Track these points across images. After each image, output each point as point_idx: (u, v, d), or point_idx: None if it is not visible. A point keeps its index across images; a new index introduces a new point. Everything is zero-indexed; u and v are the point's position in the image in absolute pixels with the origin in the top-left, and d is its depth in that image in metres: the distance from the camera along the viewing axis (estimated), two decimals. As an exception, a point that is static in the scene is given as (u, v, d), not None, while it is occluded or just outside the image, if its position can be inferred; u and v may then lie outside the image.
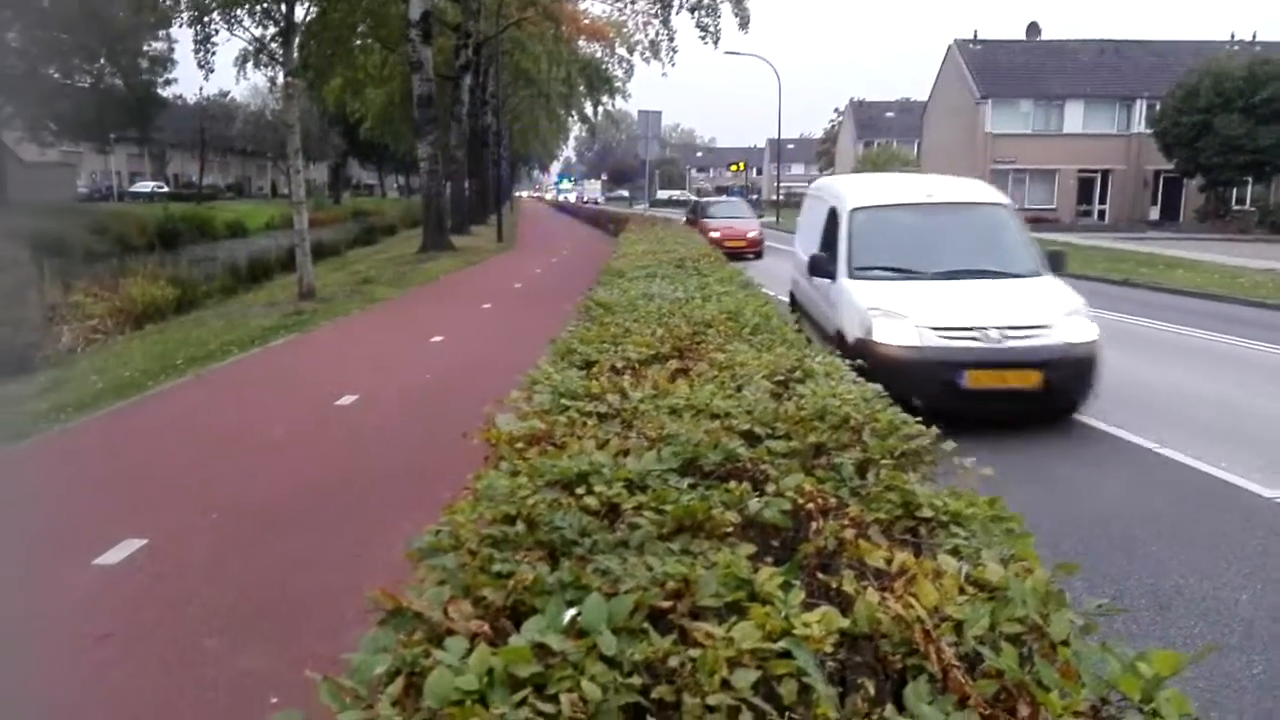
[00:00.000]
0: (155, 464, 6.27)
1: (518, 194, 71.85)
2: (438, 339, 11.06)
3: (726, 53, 33.40)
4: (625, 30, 35.36)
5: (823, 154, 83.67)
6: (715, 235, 21.67)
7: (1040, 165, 43.88)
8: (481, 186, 39.48)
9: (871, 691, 1.42)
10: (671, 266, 7.81)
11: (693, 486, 2.29)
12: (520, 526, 1.99)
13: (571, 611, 1.50)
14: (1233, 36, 44.78)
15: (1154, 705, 1.34)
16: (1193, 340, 11.43)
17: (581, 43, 40.56)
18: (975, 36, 47.06)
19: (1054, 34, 49.48)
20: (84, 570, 4.37)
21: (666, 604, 1.64)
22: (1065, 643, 1.53)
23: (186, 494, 5.52)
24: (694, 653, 1.44)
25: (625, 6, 32.61)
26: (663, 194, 72.72)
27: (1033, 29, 48.84)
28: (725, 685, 1.39)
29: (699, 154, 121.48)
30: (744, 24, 28.08)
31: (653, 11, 30.58)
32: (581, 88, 45.60)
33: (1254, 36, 44.59)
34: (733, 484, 2.24)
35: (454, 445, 6.41)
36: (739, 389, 3.23)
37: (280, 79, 16.55)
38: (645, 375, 3.50)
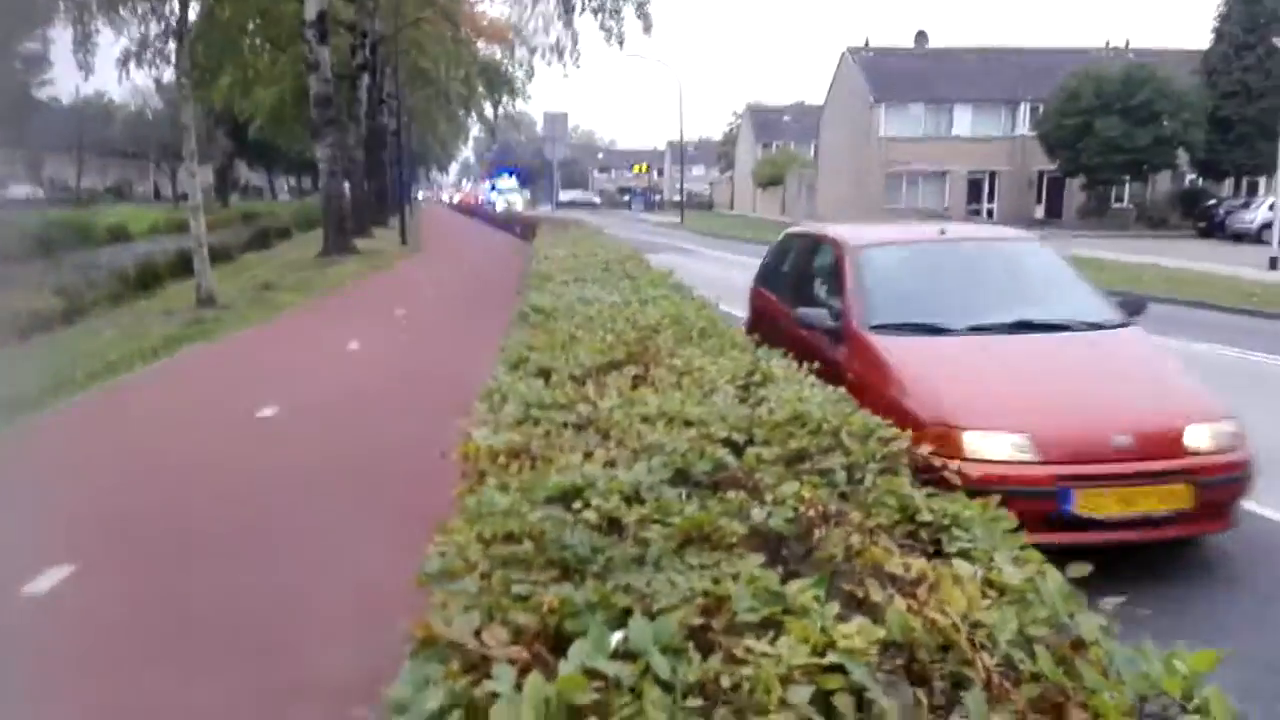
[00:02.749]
0: (67, 488, 5.91)
1: (417, 195, 70.69)
2: (354, 346, 10.77)
3: (629, 55, 33.65)
4: (525, 32, 35.14)
5: (722, 156, 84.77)
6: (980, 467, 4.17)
7: (932, 167, 45.41)
8: (380, 188, 38.65)
9: (925, 701, 1.43)
10: (599, 270, 7.78)
11: (686, 497, 2.28)
12: (528, 545, 1.94)
13: (618, 634, 1.47)
14: (1108, 44, 47.13)
15: (1197, 702, 1.38)
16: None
17: (481, 44, 40.11)
18: (867, 44, 48.41)
19: (940, 41, 51.29)
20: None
21: (699, 621, 1.62)
22: (1095, 643, 1.57)
23: (105, 522, 5.23)
24: (747, 671, 1.43)
25: (527, 9, 32.40)
26: (564, 195, 72.54)
27: (921, 37, 50.56)
28: (783, 704, 1.38)
29: (600, 155, 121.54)
30: (647, 28, 28.26)
31: (555, 14, 30.44)
32: (481, 89, 45.06)
33: (1127, 44, 47.06)
34: (731, 493, 2.24)
35: (387, 453, 6.28)
36: (706, 395, 3.23)
37: (164, 78, 15.90)
38: (606, 383, 3.47)
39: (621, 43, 28.23)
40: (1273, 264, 20.30)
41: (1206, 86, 37.29)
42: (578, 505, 2.15)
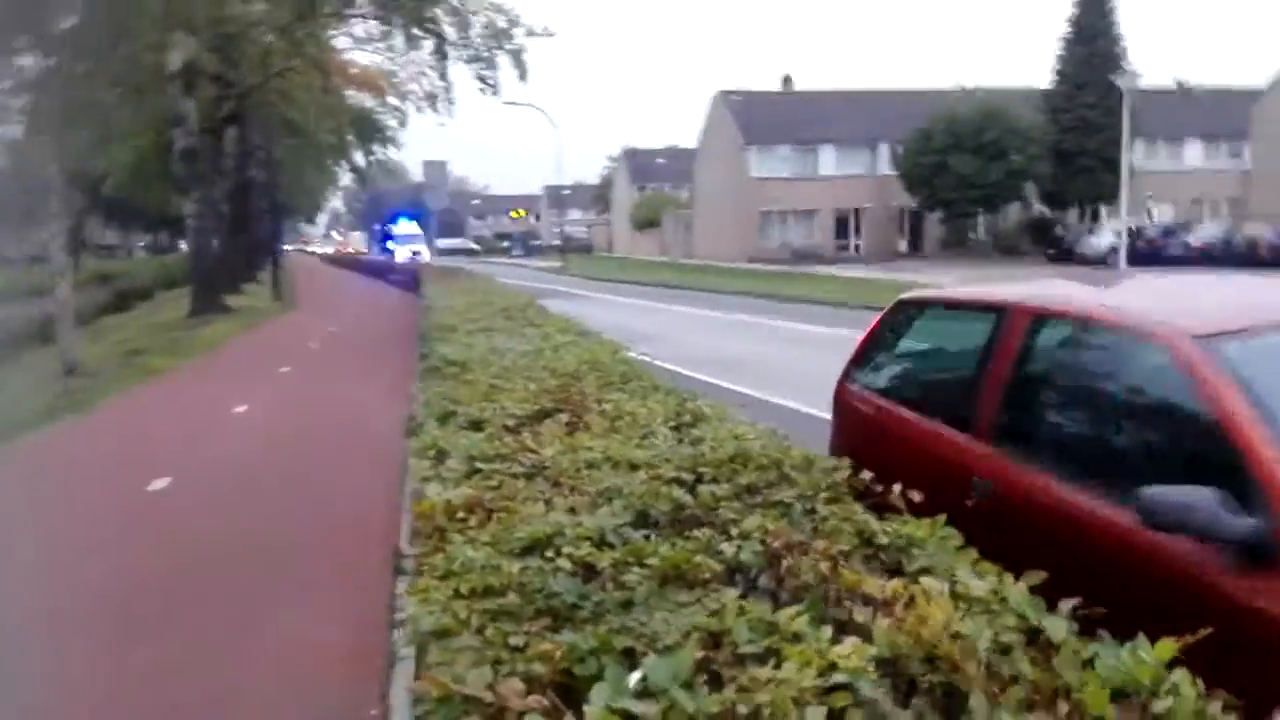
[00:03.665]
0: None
1: (285, 248, 68.71)
2: (241, 409, 10.39)
3: (505, 103, 33.55)
4: (397, 80, 34.86)
5: (599, 199, 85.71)
6: None
7: (801, 206, 47.08)
8: (250, 243, 37.52)
9: (929, 713, 1.52)
10: (501, 319, 7.79)
11: (646, 538, 2.34)
12: (512, 597, 1.96)
13: (637, 674, 1.51)
14: (959, 85, 49.85)
15: (1168, 686, 1.52)
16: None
17: (351, 92, 39.57)
18: (737, 88, 50.01)
19: (805, 85, 53.46)
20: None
21: (700, 654, 1.67)
22: (1064, 642, 1.70)
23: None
24: (762, 698, 1.49)
25: (397, 57, 32.16)
26: (442, 243, 71.89)
27: (787, 81, 52.57)
28: (803, 724, 1.45)
29: (476, 201, 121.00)
30: (523, 75, 28.43)
31: (428, 63, 30.30)
32: (352, 138, 44.37)
33: (976, 86, 49.91)
34: (697, 531, 2.31)
35: (289, 520, 6.10)
36: (644, 438, 3.30)
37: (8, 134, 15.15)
38: (541, 431, 3.50)
39: (496, 91, 28.36)
40: None
41: (1050, 123, 39.99)
42: (550, 554, 2.19)
